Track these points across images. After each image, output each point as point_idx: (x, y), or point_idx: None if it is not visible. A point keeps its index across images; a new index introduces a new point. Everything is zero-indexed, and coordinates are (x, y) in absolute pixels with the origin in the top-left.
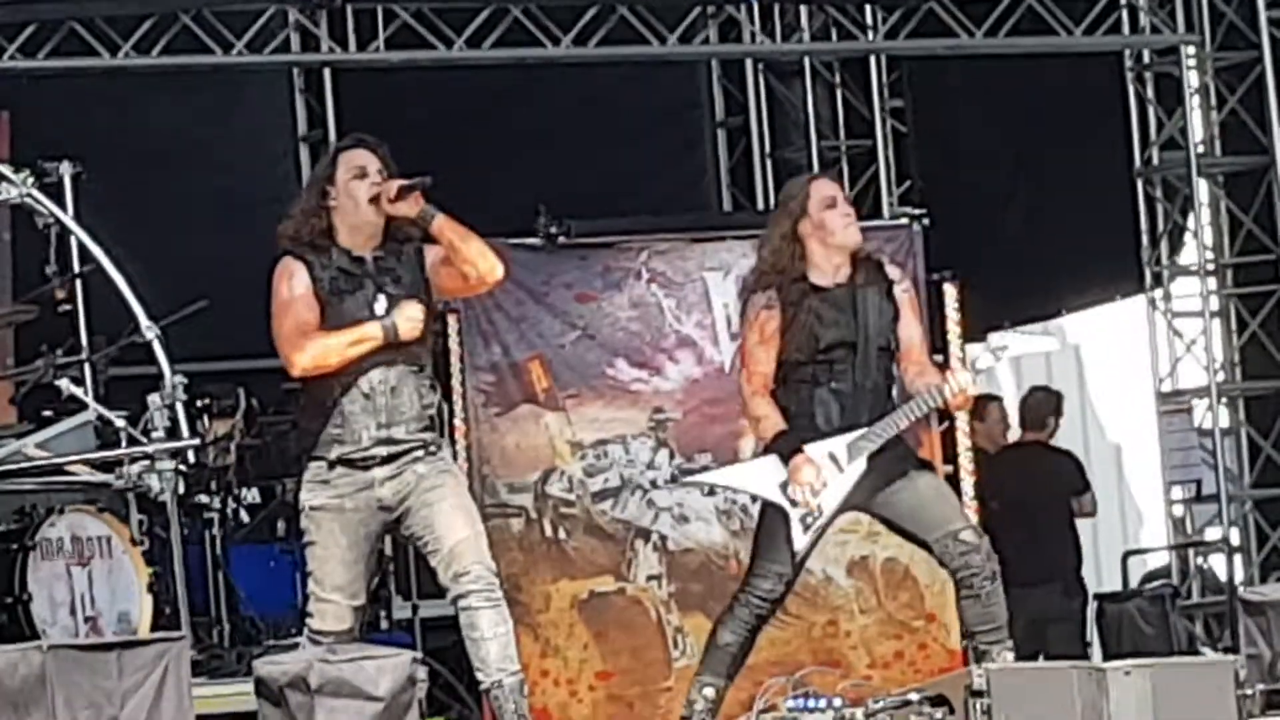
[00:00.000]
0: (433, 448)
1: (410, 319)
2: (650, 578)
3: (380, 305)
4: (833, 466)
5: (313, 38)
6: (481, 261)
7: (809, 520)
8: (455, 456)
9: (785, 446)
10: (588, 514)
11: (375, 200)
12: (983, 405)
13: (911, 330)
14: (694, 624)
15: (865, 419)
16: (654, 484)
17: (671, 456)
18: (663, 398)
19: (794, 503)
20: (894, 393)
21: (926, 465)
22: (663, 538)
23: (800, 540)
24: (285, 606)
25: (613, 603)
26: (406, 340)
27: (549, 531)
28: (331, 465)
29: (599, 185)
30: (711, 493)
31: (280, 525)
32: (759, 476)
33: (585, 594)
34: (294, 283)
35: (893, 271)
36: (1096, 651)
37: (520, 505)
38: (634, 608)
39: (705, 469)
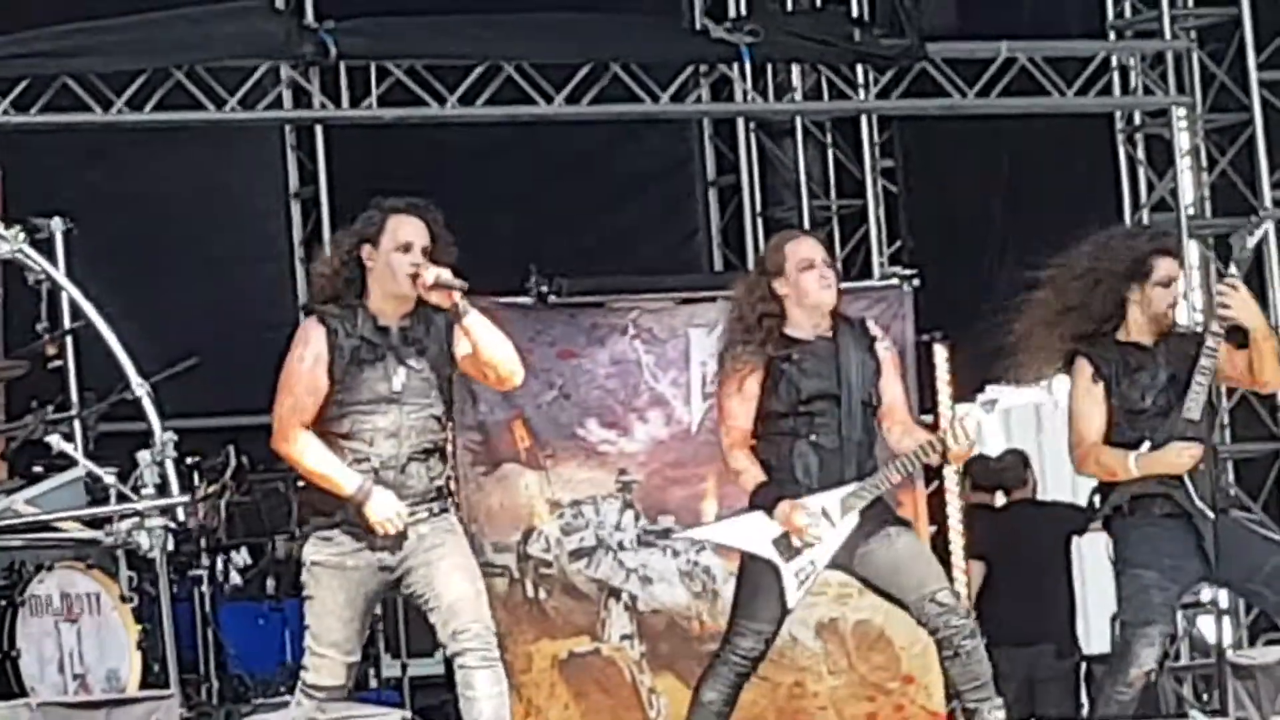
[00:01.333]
0: (436, 508)
1: (382, 515)
2: (624, 637)
3: (399, 380)
4: (825, 521)
5: (305, 94)
6: (503, 366)
7: (803, 575)
8: None
9: (765, 499)
10: (564, 574)
11: (413, 278)
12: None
13: (894, 388)
14: (665, 684)
15: (850, 474)
16: (622, 545)
17: (637, 518)
18: (627, 459)
19: (789, 557)
20: (875, 449)
21: (905, 524)
22: (633, 598)
23: (794, 596)
24: (274, 665)
25: (590, 663)
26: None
27: (530, 591)
28: (336, 525)
29: (590, 243)
30: (675, 554)
31: (270, 583)
32: (749, 532)
33: (564, 654)
34: (308, 351)
35: (874, 329)
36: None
37: (504, 565)
38: (610, 668)
39: (668, 531)
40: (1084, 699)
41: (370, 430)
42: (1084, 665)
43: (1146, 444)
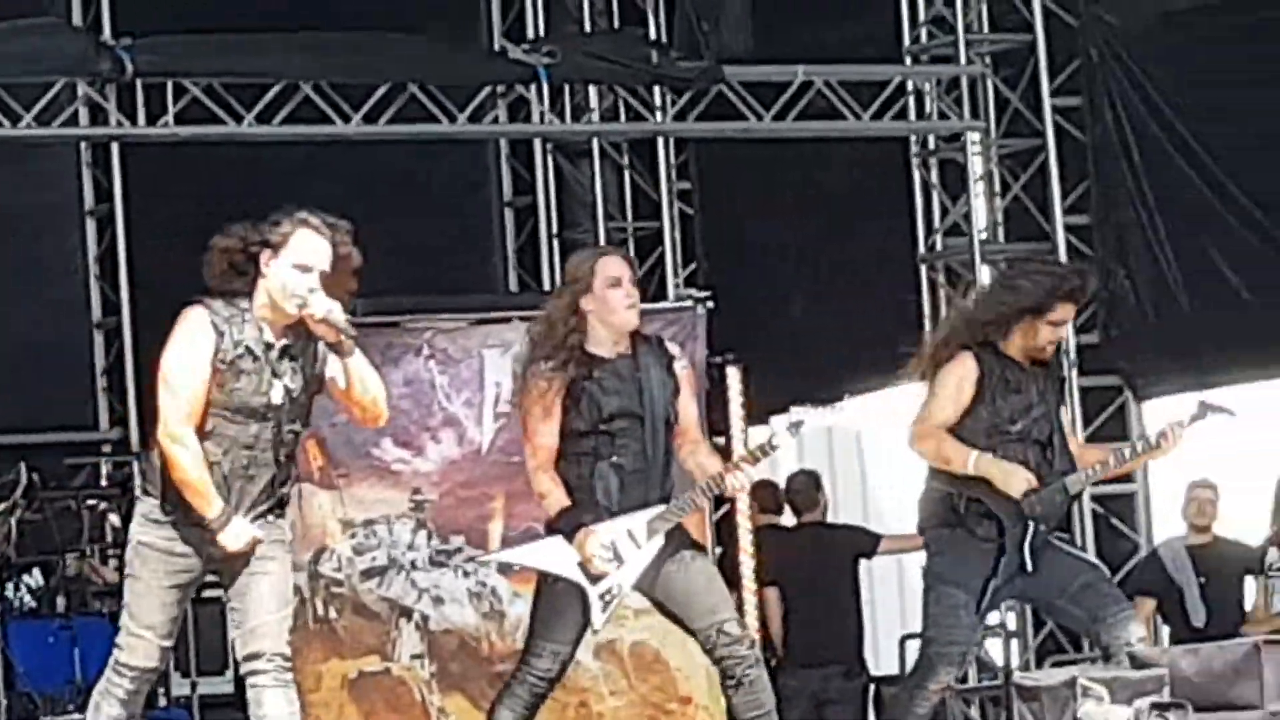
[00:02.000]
0: (273, 515)
1: (234, 546)
2: (414, 657)
3: (276, 393)
4: (630, 543)
5: (102, 111)
6: (373, 407)
7: (608, 598)
8: None
9: (567, 524)
10: (355, 593)
11: (301, 306)
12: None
13: (690, 407)
14: (454, 704)
15: (652, 495)
16: (414, 565)
17: (429, 538)
18: (421, 479)
19: (594, 580)
20: (669, 466)
21: (700, 549)
22: (424, 617)
23: (599, 618)
24: (63, 683)
25: (379, 682)
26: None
27: (321, 610)
28: (168, 512)
29: (386, 262)
30: (465, 575)
31: (60, 601)
32: (555, 556)
33: (354, 673)
34: (197, 354)
35: (672, 348)
36: None
37: (295, 584)
38: (400, 687)
39: (459, 550)
40: (871, 719)
41: (229, 439)
42: (872, 686)
43: (991, 455)
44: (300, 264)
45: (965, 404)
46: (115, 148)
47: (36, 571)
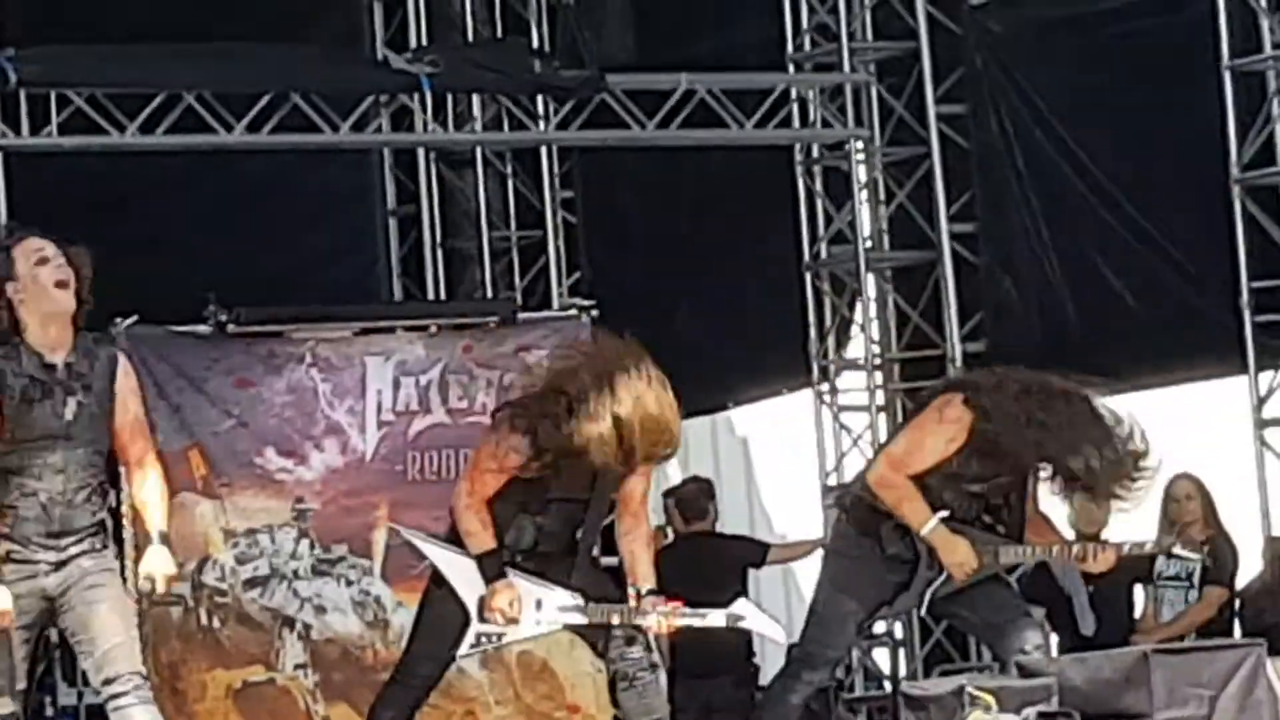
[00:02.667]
0: (99, 544)
1: (157, 576)
2: (297, 666)
3: (69, 411)
4: (533, 612)
5: None
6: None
7: (483, 640)
8: (122, 545)
9: (490, 569)
10: (239, 602)
11: (62, 285)
12: None
13: (631, 488)
14: (339, 713)
15: (565, 559)
16: (296, 574)
17: (312, 546)
18: (304, 488)
19: (482, 618)
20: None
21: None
22: (307, 627)
23: (464, 649)
24: None
25: (264, 692)
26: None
27: (204, 620)
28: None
29: (270, 271)
30: (348, 584)
31: None
32: (466, 578)
33: (239, 683)
34: None
35: None
36: None
37: (178, 594)
38: (284, 697)
39: (342, 559)
40: None
41: (40, 465)
42: (761, 696)
43: (944, 514)
44: (37, 259)
45: (947, 458)
46: None
47: None
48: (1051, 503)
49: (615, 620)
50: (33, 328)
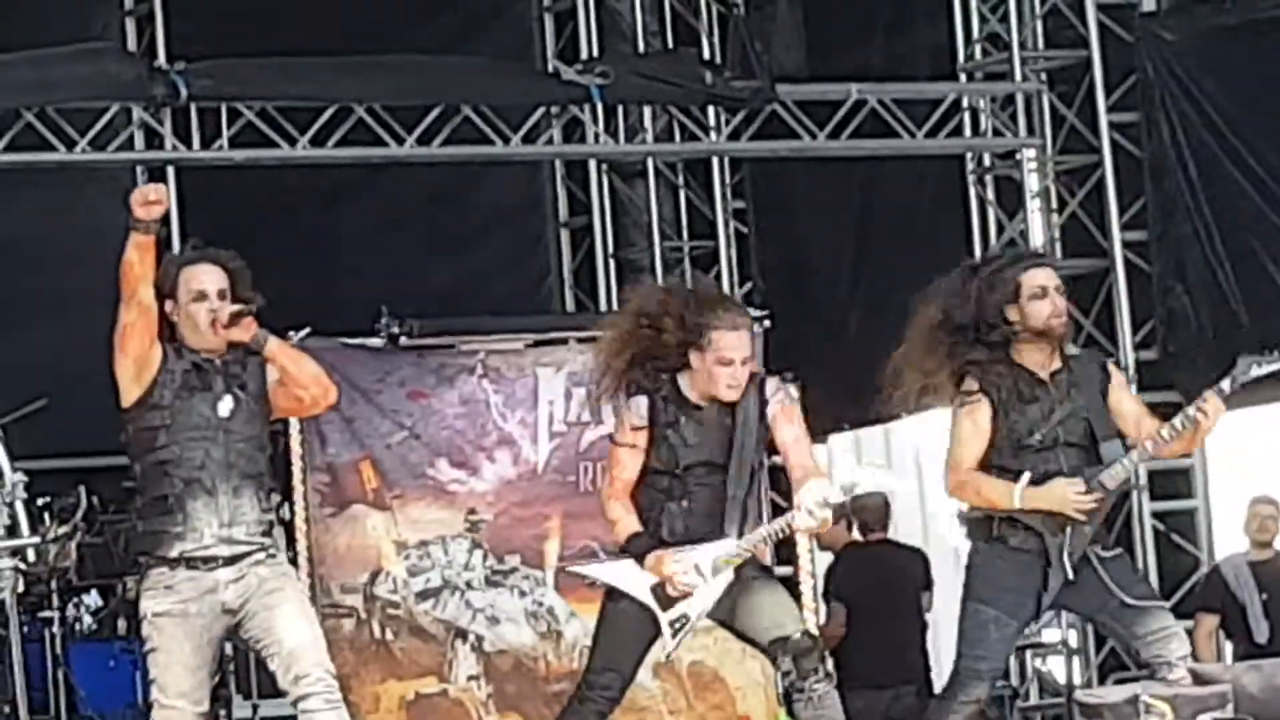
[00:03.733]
0: (272, 550)
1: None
2: (470, 678)
3: (225, 406)
4: (698, 576)
5: (157, 135)
6: (315, 387)
7: (678, 625)
8: (296, 557)
9: (639, 547)
10: (411, 614)
11: (213, 325)
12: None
13: (792, 447)
14: None
15: (717, 536)
16: (469, 585)
17: (485, 557)
18: (476, 499)
19: (665, 606)
20: (749, 507)
21: (764, 569)
22: (479, 638)
23: (670, 643)
24: (125, 706)
25: (437, 704)
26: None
27: (377, 632)
28: (174, 566)
29: (442, 284)
30: (521, 594)
31: (120, 624)
32: (629, 578)
33: (411, 695)
34: (151, 357)
35: (769, 390)
36: None
37: (351, 606)
38: (457, 709)
39: (514, 570)
40: None
41: (202, 455)
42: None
43: (1027, 475)
44: (195, 294)
45: (987, 433)
46: (171, 172)
47: (95, 594)
48: None
49: (762, 541)
50: (187, 339)
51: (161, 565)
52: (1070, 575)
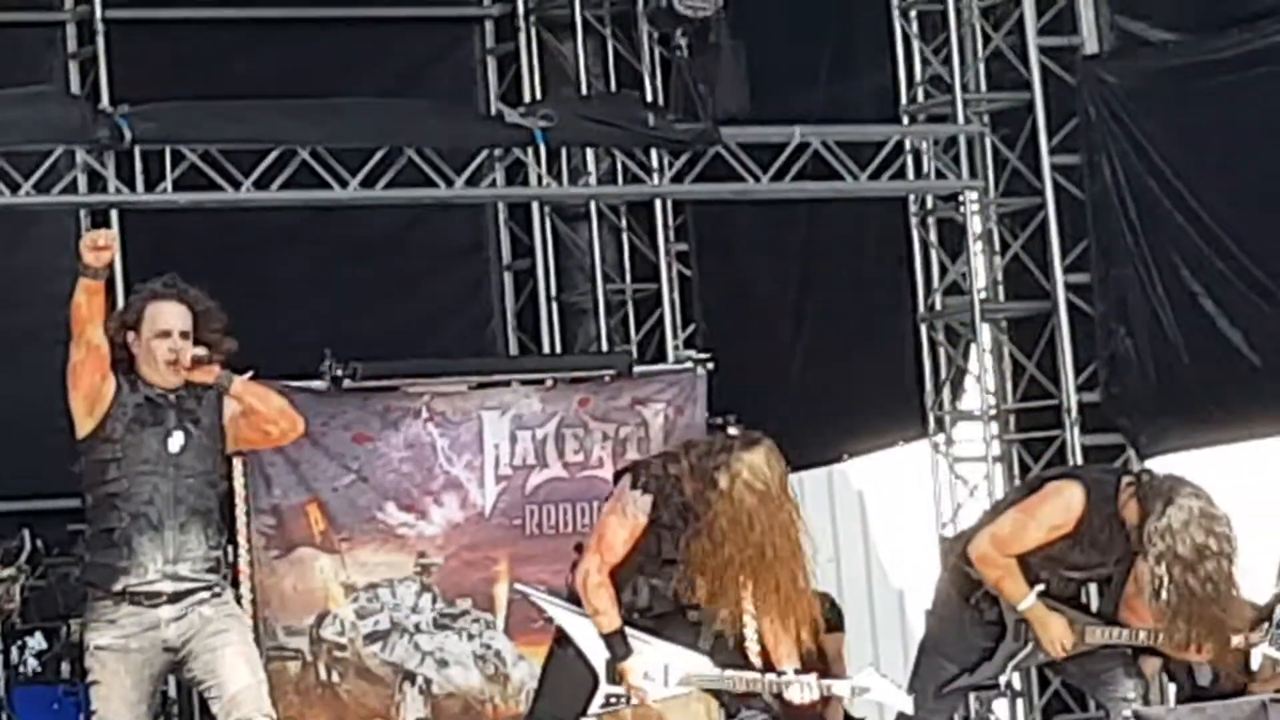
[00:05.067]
0: (217, 589)
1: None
2: None
3: (176, 441)
4: (660, 678)
5: (100, 178)
6: (283, 420)
7: (613, 700)
8: (240, 599)
9: (619, 649)
10: (359, 657)
11: (173, 364)
12: None
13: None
14: None
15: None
16: (418, 627)
17: (434, 600)
18: (425, 542)
19: (610, 681)
20: None
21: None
22: (428, 681)
23: (595, 709)
24: None
25: None
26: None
27: (323, 675)
28: (118, 601)
29: (385, 327)
30: (470, 638)
31: (65, 667)
32: (592, 638)
33: None
34: (103, 392)
35: None
36: None
37: (296, 648)
38: None
39: (465, 613)
40: None
41: (150, 490)
42: None
43: (1040, 589)
44: (159, 331)
45: (1062, 531)
46: (115, 214)
47: (40, 636)
48: None
49: (744, 689)
50: (144, 371)
51: (106, 599)
52: (1002, 684)
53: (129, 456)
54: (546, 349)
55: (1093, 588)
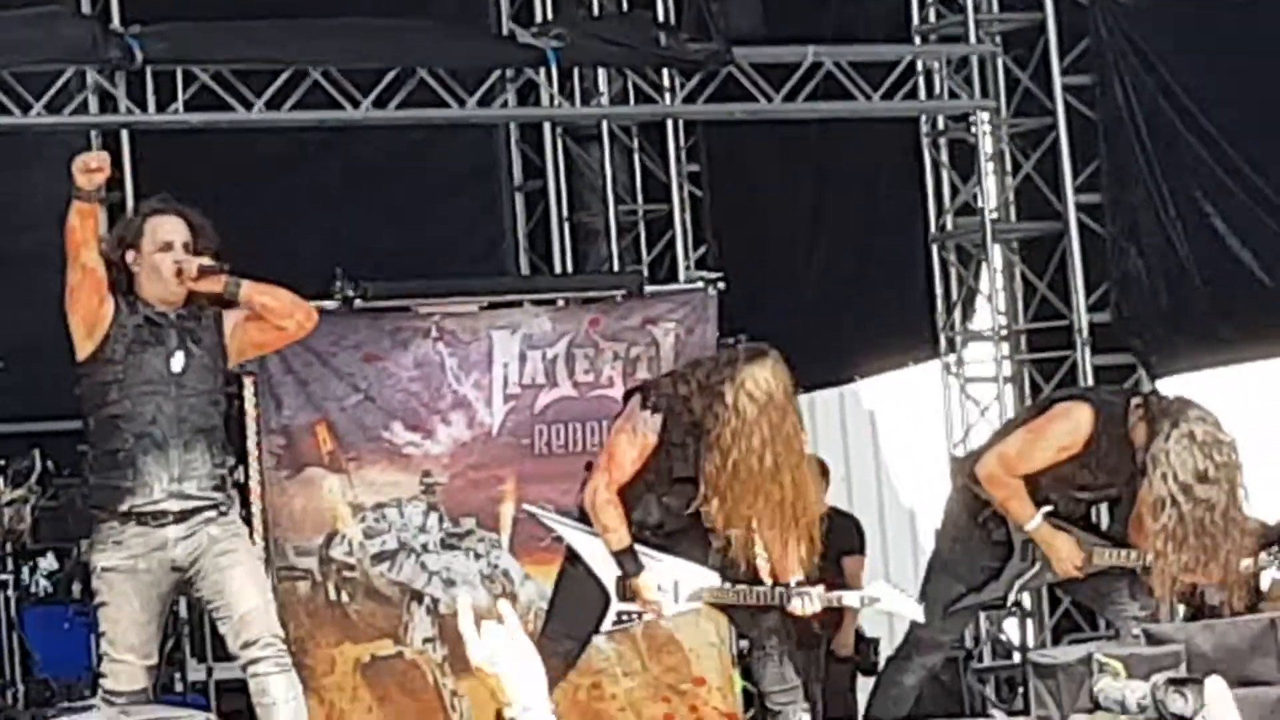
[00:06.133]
0: (224, 508)
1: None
2: (426, 640)
3: (178, 361)
4: (670, 593)
5: (111, 99)
6: (298, 311)
7: (624, 618)
8: (250, 519)
9: (630, 565)
10: (367, 577)
11: (178, 274)
12: None
13: None
14: (468, 687)
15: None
16: (425, 547)
17: (441, 520)
18: (431, 461)
19: (622, 597)
20: None
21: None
22: (435, 601)
23: (607, 626)
24: (80, 669)
25: (393, 666)
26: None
27: (332, 594)
28: (124, 521)
29: (397, 247)
30: (477, 557)
31: (75, 587)
32: (603, 556)
33: (367, 657)
34: (101, 314)
35: None
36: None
37: (306, 568)
38: (413, 671)
39: (470, 533)
40: None
41: (153, 410)
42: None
43: (1049, 507)
44: (162, 244)
45: (1071, 452)
46: (125, 135)
47: (51, 557)
48: None
49: (755, 602)
50: (145, 291)
51: (112, 520)
52: (1010, 603)
53: (130, 378)
54: (558, 269)
55: (1103, 508)
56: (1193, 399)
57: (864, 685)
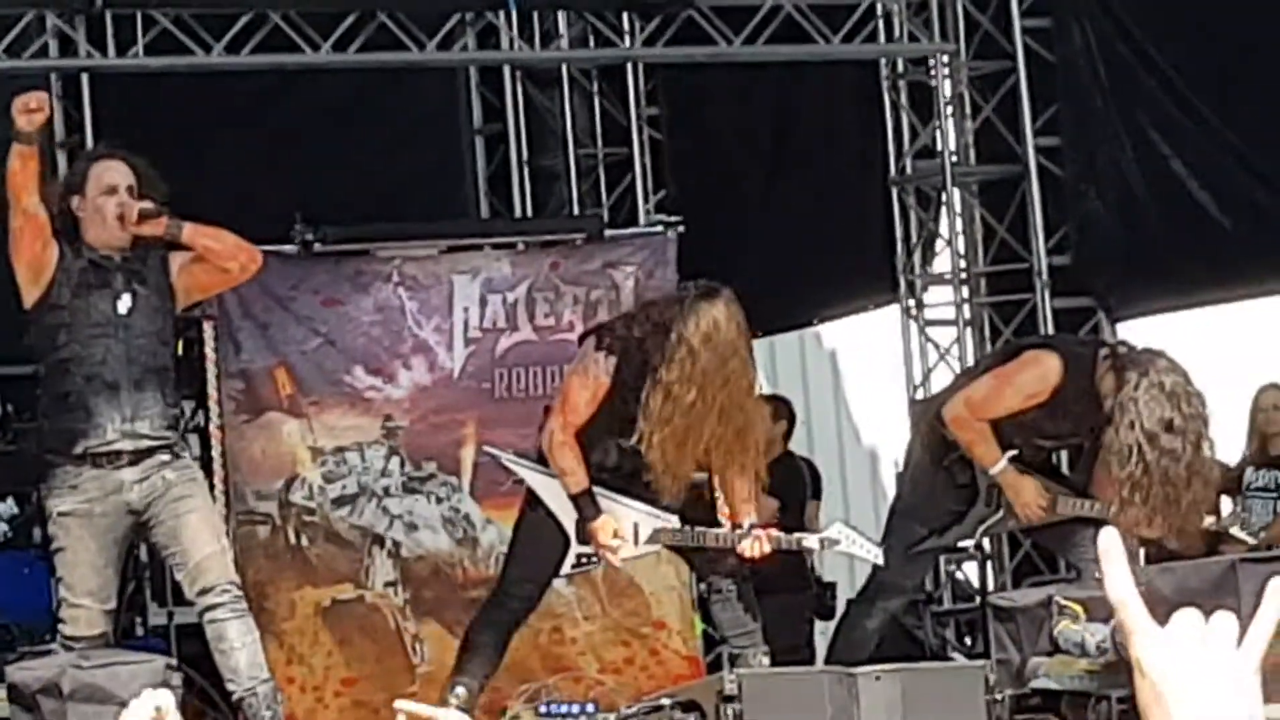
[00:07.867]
0: (178, 449)
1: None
2: (387, 584)
3: (124, 303)
4: (630, 537)
5: (71, 43)
6: (241, 253)
7: (583, 561)
8: (210, 463)
9: (587, 508)
10: (328, 521)
11: (121, 219)
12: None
13: None
14: (429, 631)
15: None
16: (386, 491)
17: (402, 464)
18: (392, 405)
19: (580, 541)
20: None
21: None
22: (396, 544)
23: (565, 569)
24: (40, 613)
25: (353, 610)
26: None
27: (292, 539)
28: (79, 464)
29: (356, 191)
30: (438, 501)
31: (36, 532)
32: (562, 500)
33: (327, 601)
34: (45, 259)
35: None
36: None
37: (266, 512)
38: (374, 615)
39: (431, 477)
40: None
41: (102, 351)
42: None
43: (1013, 452)
44: (106, 188)
45: (1038, 399)
46: (85, 79)
47: (11, 501)
48: None
49: (711, 543)
50: (89, 235)
51: (67, 464)
52: (972, 545)
53: (78, 321)
54: (518, 213)
55: (1063, 455)
56: (1163, 350)
57: (822, 630)
